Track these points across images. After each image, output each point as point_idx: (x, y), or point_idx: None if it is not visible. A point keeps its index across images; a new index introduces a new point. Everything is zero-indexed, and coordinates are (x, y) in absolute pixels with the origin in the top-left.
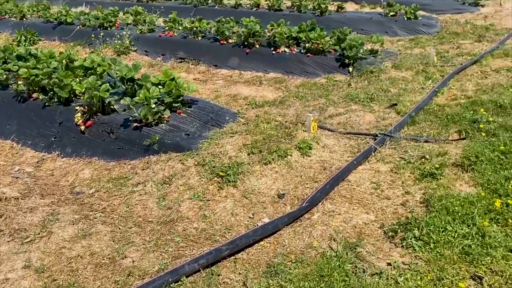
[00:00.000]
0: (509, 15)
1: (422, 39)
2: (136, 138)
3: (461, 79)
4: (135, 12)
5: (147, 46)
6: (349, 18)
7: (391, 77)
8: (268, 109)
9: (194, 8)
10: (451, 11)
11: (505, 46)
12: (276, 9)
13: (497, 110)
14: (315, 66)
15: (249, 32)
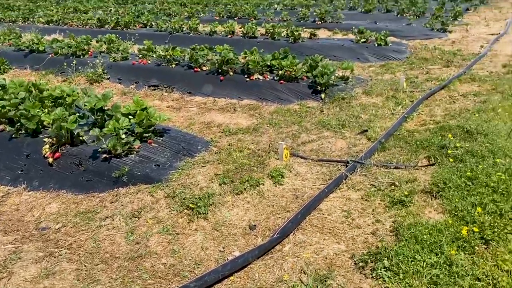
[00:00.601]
0: (475, 40)
1: (393, 65)
2: (105, 170)
3: (430, 104)
4: (109, 40)
5: (121, 74)
6: (322, 45)
7: (362, 103)
8: (242, 136)
9: (169, 35)
10: (421, 37)
11: (471, 71)
12: (251, 36)
13: (464, 136)
14: (288, 93)
15: (223, 59)
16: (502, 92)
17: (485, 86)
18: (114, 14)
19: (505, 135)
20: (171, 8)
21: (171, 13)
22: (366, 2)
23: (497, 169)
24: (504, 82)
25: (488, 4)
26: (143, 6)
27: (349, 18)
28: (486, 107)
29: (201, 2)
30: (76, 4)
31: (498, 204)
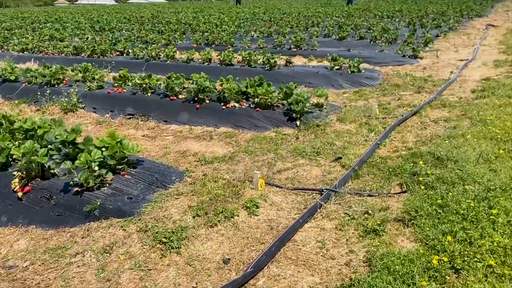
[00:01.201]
0: (445, 66)
1: (366, 91)
2: (76, 204)
3: (402, 130)
4: (84, 68)
5: (96, 103)
6: (297, 72)
7: (336, 130)
8: (218, 165)
9: (145, 63)
10: (393, 63)
11: (442, 97)
12: (227, 63)
13: (435, 162)
14: (264, 120)
15: (199, 88)
16: (471, 118)
17: (455, 111)
18: (91, 41)
19: (474, 161)
20: (148, 35)
21: (148, 41)
22: (340, 30)
23: (467, 196)
24: (472, 107)
25: (457, 30)
26: (120, 33)
27: (323, 45)
28: (456, 133)
29: (178, 30)
30: (52, 31)
31: (467, 232)
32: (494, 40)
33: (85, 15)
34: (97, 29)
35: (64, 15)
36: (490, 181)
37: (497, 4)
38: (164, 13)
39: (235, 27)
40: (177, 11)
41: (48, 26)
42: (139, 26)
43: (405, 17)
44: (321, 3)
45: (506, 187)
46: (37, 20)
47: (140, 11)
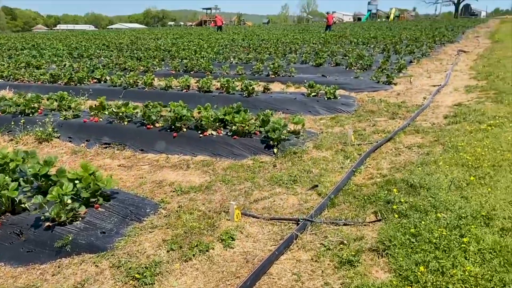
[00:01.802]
0: (418, 92)
1: (342, 117)
2: (47, 240)
3: (377, 157)
4: (60, 97)
5: (71, 132)
6: (275, 99)
7: (313, 157)
8: (194, 195)
9: (123, 90)
10: (368, 89)
11: (416, 123)
12: (206, 90)
13: (408, 190)
14: (241, 148)
15: (176, 116)
16: (443, 144)
17: (428, 137)
18: (68, 69)
19: (446, 188)
20: (126, 62)
21: (127, 68)
22: (316, 56)
23: (439, 224)
24: (445, 133)
25: (430, 56)
26: (98, 60)
27: (301, 71)
28: (429, 160)
29: (157, 56)
30: (29, 59)
31: (440, 261)
32: (465, 65)
33: (64, 41)
34: (75, 55)
35: (42, 41)
36: (461, 208)
37: (468, 30)
38: (143, 39)
39: (214, 54)
40: (157, 37)
41: (25, 53)
42: (118, 52)
43: (379, 44)
44: (298, 30)
45: (477, 214)
46: (14, 46)
47: (119, 37)
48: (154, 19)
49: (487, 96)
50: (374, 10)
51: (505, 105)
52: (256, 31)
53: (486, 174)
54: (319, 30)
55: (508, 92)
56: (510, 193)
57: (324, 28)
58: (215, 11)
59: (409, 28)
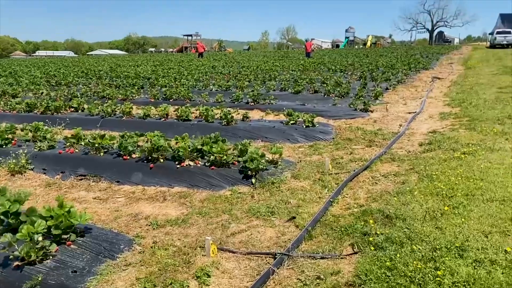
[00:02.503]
0: (394, 119)
1: (320, 145)
2: (16, 280)
3: (354, 186)
4: (35, 128)
5: (46, 164)
6: (254, 127)
7: (291, 187)
8: (170, 229)
9: (101, 119)
10: (346, 116)
11: (392, 151)
12: (185, 119)
13: (384, 221)
14: (219, 179)
15: (153, 146)
16: (418, 172)
17: (403, 165)
18: (45, 97)
19: (421, 218)
20: (105, 90)
21: (105, 96)
22: (295, 84)
23: (414, 257)
24: (420, 161)
25: (406, 83)
26: (77, 88)
27: (280, 98)
28: (404, 189)
29: (137, 84)
30: (5, 87)
31: None
32: (439, 92)
33: (42, 68)
34: (53, 83)
35: (20, 68)
36: (436, 239)
37: (442, 56)
38: (123, 66)
39: (194, 81)
40: (137, 64)
41: (1, 80)
42: (97, 80)
43: (357, 71)
44: (278, 56)
45: (451, 246)
46: None
47: (99, 64)
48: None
49: (461, 123)
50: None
51: (478, 132)
52: (236, 58)
53: (459, 204)
54: (298, 57)
55: (480, 119)
56: (482, 223)
57: (305, 54)
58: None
59: (385, 55)
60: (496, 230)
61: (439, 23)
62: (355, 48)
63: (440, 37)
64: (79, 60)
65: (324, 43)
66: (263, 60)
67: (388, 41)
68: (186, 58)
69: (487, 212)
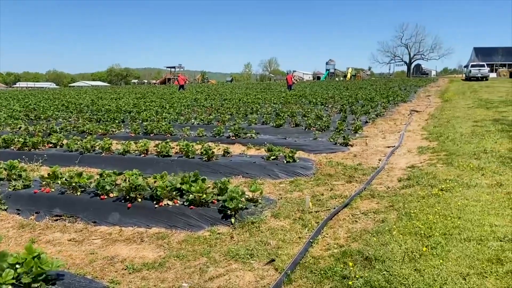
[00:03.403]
0: (374, 153)
1: (301, 181)
2: None
3: (334, 225)
4: (10, 166)
5: (20, 204)
6: (235, 162)
7: (271, 227)
8: (147, 273)
9: (80, 155)
10: (326, 151)
11: (371, 187)
12: (165, 154)
13: (364, 263)
14: (198, 218)
15: (131, 186)
16: (398, 210)
17: (383, 203)
18: (23, 133)
19: (400, 260)
20: (85, 125)
21: (85, 131)
22: (277, 117)
23: None
24: (399, 198)
25: (385, 116)
26: (56, 121)
27: (262, 131)
28: (384, 228)
29: (118, 118)
30: None
31: None
32: (417, 125)
33: (22, 101)
34: (33, 117)
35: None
36: (415, 283)
37: (419, 89)
38: (104, 99)
39: (176, 115)
40: (119, 97)
41: None
42: (77, 114)
43: (337, 103)
44: (260, 88)
45: None
46: None
47: (80, 97)
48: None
49: (438, 158)
50: (332, 69)
51: (455, 167)
52: (219, 90)
53: (438, 244)
54: (280, 89)
55: (457, 153)
56: (460, 264)
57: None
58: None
59: (365, 88)
60: (474, 272)
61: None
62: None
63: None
64: (60, 92)
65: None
66: (245, 92)
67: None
68: (168, 90)
69: (465, 253)
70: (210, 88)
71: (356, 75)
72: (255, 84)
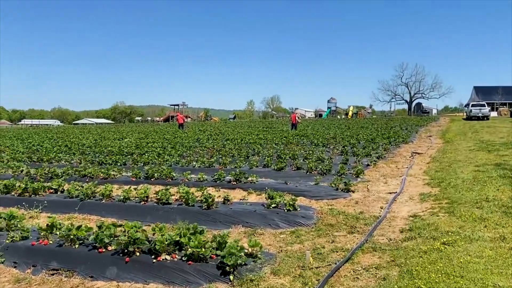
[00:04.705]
0: (375, 200)
1: (302, 231)
2: None
3: (335, 283)
4: (9, 216)
5: (18, 256)
6: (235, 211)
7: (270, 285)
8: None
9: (80, 202)
10: (327, 197)
11: (373, 238)
12: (165, 202)
13: None
14: (196, 275)
15: (129, 240)
16: (400, 266)
17: (385, 257)
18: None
19: None
20: (86, 169)
21: (87, 174)
22: (278, 160)
23: None
24: (401, 252)
25: (386, 158)
26: (59, 164)
27: (263, 175)
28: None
29: (119, 160)
30: None
31: None
32: (419, 169)
33: (25, 141)
34: (35, 159)
35: (3, 141)
36: None
37: (421, 128)
38: (107, 139)
39: (177, 157)
40: (122, 136)
41: None
42: (80, 155)
43: (338, 144)
44: (263, 126)
45: None
46: None
47: (83, 136)
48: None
49: (440, 207)
50: (333, 107)
51: (457, 217)
52: (221, 128)
53: None
54: (282, 128)
55: (459, 201)
56: None
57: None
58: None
59: (366, 127)
60: None
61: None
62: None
63: (418, 108)
64: (64, 131)
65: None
66: (247, 132)
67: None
68: (171, 128)
69: None
70: (213, 126)
71: (358, 112)
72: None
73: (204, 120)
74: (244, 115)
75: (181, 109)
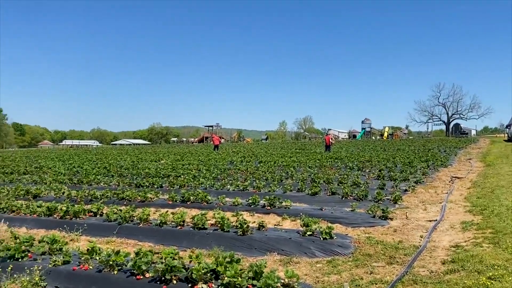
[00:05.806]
0: (415, 228)
1: (339, 261)
2: None
3: None
4: (52, 240)
5: (59, 281)
6: (270, 238)
7: None
8: None
9: (118, 226)
10: (364, 224)
11: (413, 270)
12: (200, 227)
13: None
14: None
15: (166, 267)
16: None
17: None
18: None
19: None
20: (124, 192)
21: (125, 197)
22: (312, 184)
23: None
24: (444, 286)
25: (424, 183)
26: (98, 185)
27: (297, 199)
28: None
29: (156, 183)
30: (29, 186)
31: None
32: (459, 195)
33: (66, 162)
34: (75, 181)
35: (45, 162)
36: None
37: (460, 151)
38: (144, 161)
39: (212, 179)
40: (158, 158)
41: (26, 178)
42: (118, 178)
43: (374, 168)
44: (295, 148)
45: None
46: (17, 169)
47: (121, 157)
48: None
49: (484, 237)
50: (368, 128)
51: (503, 249)
52: (254, 150)
53: None
54: (315, 149)
55: (504, 231)
56: None
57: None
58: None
59: (403, 149)
60: None
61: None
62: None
63: (456, 129)
64: (102, 151)
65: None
66: (280, 153)
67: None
68: (206, 150)
69: None
70: (245, 147)
71: (393, 133)
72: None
73: (237, 141)
74: (276, 136)
75: (215, 130)
